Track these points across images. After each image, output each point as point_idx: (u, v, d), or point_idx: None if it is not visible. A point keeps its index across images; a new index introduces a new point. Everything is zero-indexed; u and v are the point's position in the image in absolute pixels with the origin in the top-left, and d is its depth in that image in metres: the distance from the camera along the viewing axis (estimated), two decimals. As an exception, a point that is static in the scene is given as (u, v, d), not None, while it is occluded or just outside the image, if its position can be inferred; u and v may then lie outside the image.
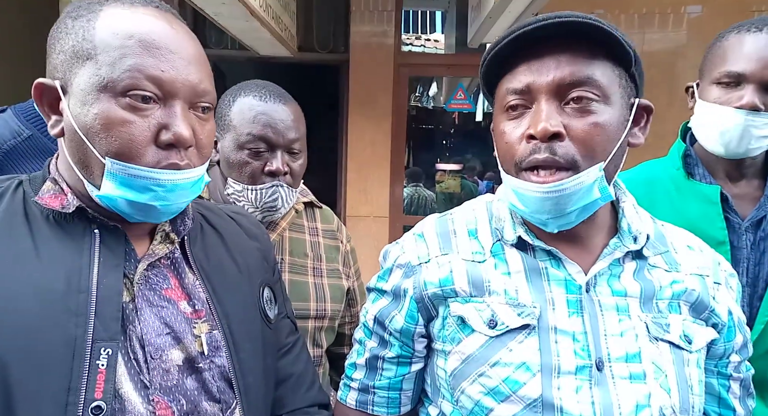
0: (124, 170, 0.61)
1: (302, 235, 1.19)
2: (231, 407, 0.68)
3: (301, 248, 1.17)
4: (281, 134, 1.05)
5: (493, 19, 2.64)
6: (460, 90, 3.86)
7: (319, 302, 1.14)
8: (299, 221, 1.21)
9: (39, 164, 1.24)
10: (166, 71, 0.62)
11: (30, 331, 0.57)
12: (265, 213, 1.09)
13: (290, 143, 1.08)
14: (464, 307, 0.74)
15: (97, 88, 0.60)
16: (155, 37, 0.62)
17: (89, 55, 0.61)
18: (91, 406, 0.57)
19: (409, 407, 0.85)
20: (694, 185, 1.09)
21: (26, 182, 0.67)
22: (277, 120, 1.05)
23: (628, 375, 0.69)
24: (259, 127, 1.04)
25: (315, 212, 1.26)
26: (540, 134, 0.66)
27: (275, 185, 1.06)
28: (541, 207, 0.70)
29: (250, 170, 1.05)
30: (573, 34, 0.67)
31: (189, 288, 0.71)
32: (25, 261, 0.60)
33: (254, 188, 1.05)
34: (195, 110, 0.66)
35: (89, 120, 0.61)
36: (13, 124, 1.25)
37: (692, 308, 0.76)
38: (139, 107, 0.61)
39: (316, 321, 1.14)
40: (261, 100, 1.06)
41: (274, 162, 1.05)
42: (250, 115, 1.05)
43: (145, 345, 0.63)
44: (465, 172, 4.79)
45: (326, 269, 1.19)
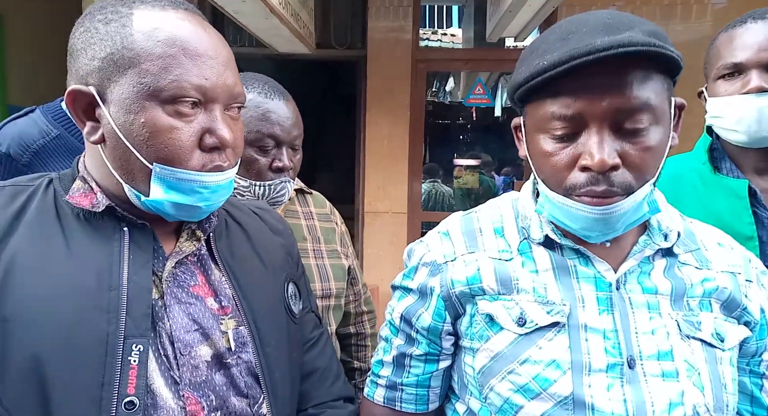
0: (172, 174, 0.63)
1: (298, 220, 1.22)
2: (258, 401, 0.69)
3: (298, 232, 1.19)
4: (288, 131, 1.08)
5: (513, 13, 2.62)
6: (479, 85, 3.83)
7: (324, 281, 1.18)
8: (293, 207, 1.24)
9: (67, 162, 1.27)
10: (210, 78, 0.63)
11: (64, 328, 0.58)
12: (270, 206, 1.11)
13: (294, 140, 1.11)
14: (492, 305, 0.74)
15: (142, 97, 0.61)
16: (196, 44, 0.63)
17: (131, 63, 0.61)
18: (125, 401, 0.58)
19: (437, 404, 0.86)
20: (721, 180, 1.08)
21: (56, 180, 0.69)
22: (283, 118, 1.08)
23: (660, 373, 0.69)
24: (267, 125, 1.06)
25: (306, 198, 1.29)
26: (597, 167, 0.63)
27: (283, 181, 1.09)
28: (592, 226, 0.68)
29: (257, 167, 1.07)
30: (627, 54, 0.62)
31: (215, 285, 0.72)
32: (58, 259, 0.61)
33: (263, 184, 1.07)
34: (230, 111, 0.68)
35: (136, 128, 0.62)
36: (41, 124, 1.27)
37: (723, 306, 0.75)
38: (185, 113, 0.63)
39: (323, 300, 1.17)
40: (266, 97, 1.08)
41: (282, 159, 1.08)
42: (257, 113, 1.06)
43: (174, 342, 0.64)
44: (483, 167, 4.76)
45: (326, 250, 1.23)
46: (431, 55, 3.83)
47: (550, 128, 0.67)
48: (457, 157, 4.92)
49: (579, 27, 0.66)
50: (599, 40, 0.61)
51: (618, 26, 0.64)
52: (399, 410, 0.85)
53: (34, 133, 1.26)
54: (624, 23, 0.64)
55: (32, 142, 1.25)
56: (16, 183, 0.68)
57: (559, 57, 0.63)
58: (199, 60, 0.63)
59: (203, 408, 0.64)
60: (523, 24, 2.82)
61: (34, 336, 0.57)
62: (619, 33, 0.62)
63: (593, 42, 0.61)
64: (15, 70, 3.37)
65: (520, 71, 0.70)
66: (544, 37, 0.70)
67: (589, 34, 0.63)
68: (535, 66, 0.66)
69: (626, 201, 0.66)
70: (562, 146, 0.67)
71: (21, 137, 1.25)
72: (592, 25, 0.65)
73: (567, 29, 0.67)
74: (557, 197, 0.69)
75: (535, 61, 0.67)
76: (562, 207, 0.69)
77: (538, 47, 0.69)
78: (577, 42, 0.63)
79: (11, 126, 1.27)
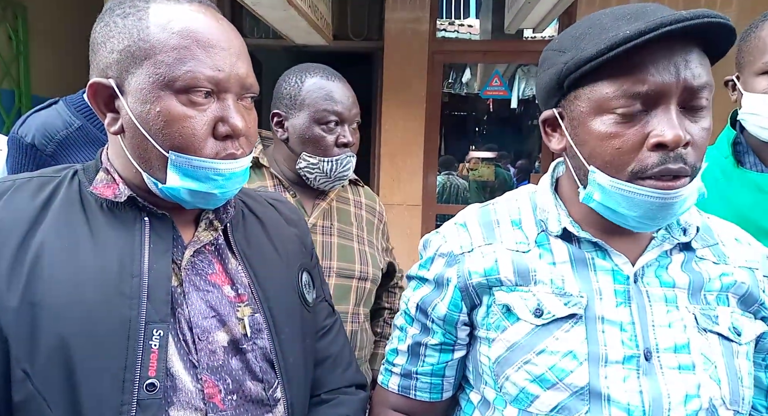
0: (188, 162, 0.65)
1: (347, 206, 1.33)
2: (273, 386, 0.72)
3: (347, 217, 1.31)
4: (348, 108, 1.19)
5: (532, 3, 2.58)
6: (496, 77, 3.80)
7: (363, 265, 1.27)
8: (344, 194, 1.34)
9: (89, 153, 1.30)
10: (222, 69, 0.65)
11: (89, 313, 0.61)
12: (335, 182, 1.23)
13: (354, 117, 1.22)
14: (510, 296, 0.75)
15: (158, 87, 0.63)
16: (209, 36, 0.65)
17: (147, 55, 0.63)
18: (146, 383, 0.61)
19: (451, 393, 0.87)
20: (744, 174, 1.06)
21: (81, 172, 0.71)
22: (344, 96, 1.19)
23: (676, 366, 0.69)
24: (331, 103, 1.17)
25: (358, 189, 1.40)
26: (674, 143, 0.62)
27: (348, 156, 1.20)
28: (653, 213, 0.66)
29: (325, 144, 1.18)
30: (690, 32, 0.61)
31: (232, 273, 0.74)
32: (83, 247, 0.64)
33: (330, 160, 1.18)
34: (243, 101, 0.70)
35: (152, 117, 0.64)
36: (64, 115, 1.30)
37: (741, 301, 0.75)
38: (198, 103, 0.64)
39: (359, 282, 1.26)
40: (328, 80, 1.19)
41: (346, 135, 1.19)
42: (322, 93, 1.18)
43: (193, 327, 0.67)
44: (499, 160, 4.73)
45: (366, 239, 1.33)
46: (448, 46, 3.81)
47: (615, 106, 0.64)
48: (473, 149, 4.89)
49: (639, 9, 0.65)
50: (677, 13, 0.60)
51: (672, 10, 0.63)
52: (413, 398, 0.86)
53: (58, 124, 1.28)
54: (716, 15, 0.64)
55: (56, 132, 1.27)
56: (42, 174, 0.70)
57: (646, 25, 0.60)
58: (212, 51, 0.64)
59: (220, 390, 0.67)
60: (543, 15, 2.78)
61: (60, 320, 0.60)
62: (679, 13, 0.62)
63: (675, 14, 0.60)
64: (38, 62, 3.43)
65: (581, 50, 0.66)
66: (591, 22, 0.69)
67: (658, 11, 0.63)
68: (611, 38, 0.62)
69: (691, 184, 0.65)
70: (628, 126, 0.65)
71: (45, 127, 1.27)
72: (653, 7, 0.64)
73: (624, 13, 0.65)
74: (618, 184, 0.66)
75: (602, 36, 0.64)
76: (622, 194, 0.66)
77: (590, 30, 0.67)
78: (650, 17, 0.62)
79: (35, 117, 1.30)
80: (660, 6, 0.66)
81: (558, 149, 0.75)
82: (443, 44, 3.74)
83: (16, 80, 3.33)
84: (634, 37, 0.60)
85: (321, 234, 1.24)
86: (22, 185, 0.67)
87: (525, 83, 4.99)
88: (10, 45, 3.27)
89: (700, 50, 0.64)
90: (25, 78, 3.36)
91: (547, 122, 0.76)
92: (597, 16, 0.69)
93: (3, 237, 0.62)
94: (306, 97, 1.18)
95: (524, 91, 4.99)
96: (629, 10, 0.66)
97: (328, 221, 1.26)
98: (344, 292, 1.24)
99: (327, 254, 1.23)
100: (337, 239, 1.26)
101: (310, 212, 1.25)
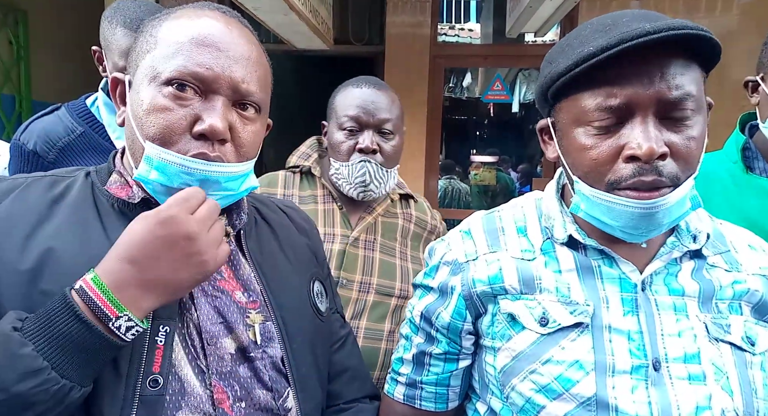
0: (159, 154, 0.64)
1: (395, 220, 1.31)
2: (283, 395, 0.71)
3: (392, 232, 1.29)
4: (371, 114, 1.19)
5: (534, 8, 2.58)
6: (497, 81, 3.80)
7: (404, 283, 1.24)
8: (393, 209, 1.32)
9: (91, 159, 1.29)
10: (210, 68, 0.65)
11: None
12: (359, 190, 1.21)
13: (380, 123, 1.20)
14: (515, 304, 0.74)
15: (147, 78, 0.65)
16: (207, 36, 0.66)
17: (149, 49, 0.67)
18: (149, 379, 0.61)
19: (457, 402, 0.85)
20: (754, 180, 1.05)
21: (93, 173, 0.72)
22: (368, 102, 1.19)
23: (686, 376, 0.68)
24: (352, 109, 1.19)
25: (410, 202, 1.37)
26: (646, 156, 0.62)
27: (363, 161, 1.19)
28: (635, 223, 0.66)
29: (344, 148, 1.20)
30: (669, 41, 0.61)
31: (244, 279, 0.73)
32: (95, 242, 0.64)
33: (347, 164, 1.20)
34: (240, 109, 0.68)
35: (137, 106, 0.66)
36: (66, 121, 1.30)
37: (754, 310, 0.73)
38: (180, 97, 0.64)
39: (399, 300, 1.23)
40: (357, 87, 1.22)
41: (364, 140, 1.19)
42: (347, 100, 1.21)
43: (202, 332, 0.66)
44: (500, 164, 4.72)
45: (410, 255, 1.29)
46: (450, 50, 3.81)
47: (591, 120, 0.65)
48: (475, 153, 4.88)
49: (616, 19, 0.64)
50: (647, 25, 0.60)
51: (657, 17, 0.63)
52: (419, 408, 0.85)
53: (60, 130, 1.28)
54: (661, 16, 0.63)
55: (58, 139, 1.27)
56: (55, 174, 0.72)
57: (608, 42, 0.61)
58: (205, 50, 0.65)
59: (228, 397, 0.66)
60: (544, 19, 2.78)
61: None
62: (661, 21, 0.61)
63: (642, 26, 0.60)
64: (39, 67, 3.44)
65: (558, 63, 0.68)
66: (577, 33, 0.69)
67: (632, 22, 0.62)
68: (578, 54, 0.63)
69: (672, 194, 0.64)
70: (604, 138, 0.65)
71: (47, 134, 1.27)
72: (630, 16, 0.64)
73: (602, 23, 0.66)
74: (598, 193, 0.67)
75: (576, 51, 0.65)
76: (603, 204, 0.67)
77: (572, 41, 0.68)
78: (621, 29, 0.62)
79: (37, 123, 1.30)
80: (645, 13, 0.65)
81: (552, 157, 0.75)
82: (444, 48, 3.75)
83: (17, 85, 3.33)
84: (597, 53, 0.61)
85: (363, 248, 1.23)
86: (35, 181, 0.68)
87: (526, 87, 4.99)
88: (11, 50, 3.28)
89: (685, 60, 0.63)
90: (26, 83, 3.37)
91: (543, 130, 0.76)
92: (583, 26, 0.69)
93: (12, 226, 0.62)
94: (336, 106, 1.23)
95: (525, 96, 4.99)
96: (609, 21, 0.65)
97: (371, 235, 1.25)
98: (383, 310, 1.21)
99: (368, 270, 1.21)
100: (380, 254, 1.24)
101: (354, 225, 1.24)
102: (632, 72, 0.62)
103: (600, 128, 0.65)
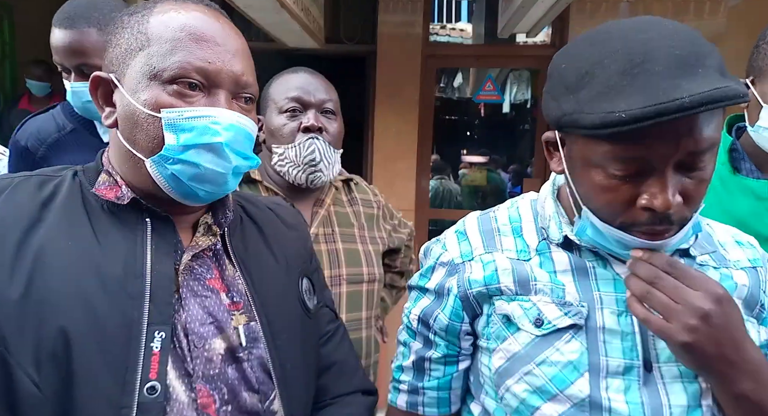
0: (180, 115, 0.63)
1: (344, 208, 1.32)
2: (270, 398, 0.70)
3: (346, 219, 1.30)
4: (312, 94, 1.19)
5: (526, 8, 2.59)
6: (489, 81, 3.81)
7: (370, 266, 1.26)
8: (339, 196, 1.33)
9: (80, 155, 1.28)
10: (213, 63, 0.65)
11: (92, 311, 0.60)
12: (308, 171, 1.18)
13: (321, 103, 1.20)
14: (510, 305, 0.74)
15: (147, 77, 0.64)
16: (204, 31, 0.66)
17: (142, 46, 0.65)
18: (147, 386, 0.60)
19: (458, 405, 0.85)
20: (741, 180, 1.06)
21: (81, 173, 0.71)
22: (308, 83, 1.21)
23: (677, 376, 0.68)
24: (293, 90, 1.19)
25: (351, 186, 1.39)
26: (662, 210, 0.61)
27: (311, 138, 1.17)
28: None
29: (287, 130, 1.18)
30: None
31: (228, 280, 0.72)
32: (87, 246, 0.63)
33: (293, 145, 1.17)
34: (238, 101, 0.69)
35: (139, 104, 0.64)
36: (59, 119, 1.34)
37: (744, 305, 0.74)
38: (185, 94, 0.64)
39: (368, 285, 1.25)
40: (293, 73, 1.24)
41: (309, 119, 1.18)
42: (285, 86, 1.21)
43: (189, 334, 0.65)
44: (491, 164, 4.73)
45: (368, 237, 1.31)
46: (442, 50, 3.81)
47: (608, 167, 0.62)
48: (466, 154, 4.89)
49: (643, 57, 0.59)
50: (682, 90, 0.56)
51: (689, 60, 0.58)
52: (422, 415, 0.84)
53: (51, 128, 1.33)
54: (692, 53, 0.58)
55: (48, 136, 1.32)
56: (42, 173, 0.70)
57: (643, 112, 0.56)
58: (204, 44, 0.65)
59: (215, 401, 0.65)
60: (536, 20, 2.79)
61: (63, 316, 0.59)
62: (694, 74, 0.57)
63: (678, 95, 0.55)
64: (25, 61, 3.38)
65: (575, 95, 0.63)
66: (594, 59, 0.62)
67: (664, 75, 0.57)
68: (605, 117, 0.58)
69: (679, 233, 0.65)
70: (621, 183, 0.63)
71: (39, 131, 1.32)
72: (661, 59, 0.58)
73: (626, 56, 0.59)
74: (609, 229, 0.66)
75: (600, 101, 0.59)
76: (613, 238, 0.67)
77: (593, 69, 0.62)
78: (653, 86, 0.57)
79: (32, 122, 1.36)
80: (677, 57, 0.58)
81: (557, 170, 0.74)
82: (436, 48, 3.75)
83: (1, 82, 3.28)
84: (629, 121, 0.57)
85: (325, 243, 1.23)
86: (21, 182, 0.67)
87: (517, 88, 5.01)
88: (-4, 46, 3.22)
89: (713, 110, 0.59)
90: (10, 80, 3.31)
91: (549, 142, 0.74)
92: (605, 45, 0.62)
93: (5, 232, 0.61)
94: (272, 94, 1.23)
95: (516, 96, 5.01)
96: (638, 58, 0.59)
97: (329, 228, 1.25)
98: (357, 299, 1.22)
99: (335, 263, 1.21)
100: (341, 244, 1.25)
101: (310, 222, 1.23)
102: (661, 131, 0.58)
103: (616, 176, 0.63)
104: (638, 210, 0.63)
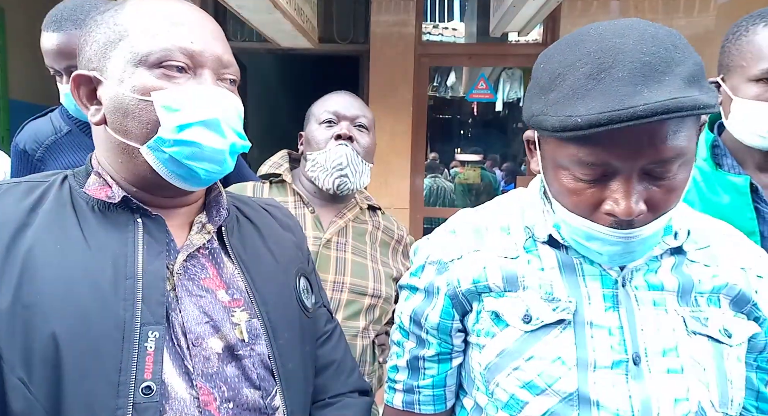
0: (172, 94, 0.64)
1: (364, 225, 1.37)
2: (271, 394, 0.70)
3: (362, 236, 1.34)
4: (347, 109, 1.30)
5: (517, 7, 2.61)
6: (481, 80, 3.83)
7: (376, 282, 1.28)
8: (362, 217, 1.38)
9: (76, 157, 1.33)
10: (195, 42, 0.66)
11: (83, 314, 0.60)
12: (336, 175, 1.24)
13: (355, 117, 1.30)
14: (498, 302, 0.75)
15: (132, 64, 0.64)
16: (180, 15, 0.67)
17: (121, 36, 0.65)
18: (142, 386, 0.60)
19: (453, 401, 0.86)
20: (723, 176, 1.07)
21: (71, 177, 0.71)
22: (346, 101, 1.33)
23: (665, 369, 0.69)
24: (331, 106, 1.30)
25: (377, 213, 1.44)
26: (623, 216, 0.62)
27: (341, 144, 1.26)
28: (610, 249, 0.67)
29: (322, 138, 1.28)
30: None
31: (227, 278, 0.73)
32: (76, 248, 0.63)
33: (323, 151, 1.26)
34: (223, 82, 0.70)
35: (127, 92, 0.64)
36: (56, 122, 1.36)
37: (733, 303, 0.75)
38: (173, 76, 0.65)
39: (372, 299, 1.27)
40: (335, 93, 1.36)
41: (340, 128, 1.27)
42: (325, 102, 1.33)
43: (187, 333, 0.65)
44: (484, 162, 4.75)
45: (380, 259, 1.34)
46: (434, 49, 3.82)
47: (574, 170, 0.64)
48: (459, 152, 4.91)
49: (611, 62, 0.58)
50: (640, 97, 0.56)
51: (656, 67, 0.57)
52: (419, 413, 0.85)
53: (47, 131, 1.35)
54: (662, 60, 0.58)
55: (45, 138, 1.34)
56: (31, 179, 0.70)
57: (597, 118, 0.56)
58: (183, 27, 0.66)
59: (215, 398, 0.65)
60: (527, 19, 2.81)
61: (53, 320, 0.58)
62: (658, 82, 0.57)
63: (634, 103, 0.55)
64: (16, 65, 3.36)
65: (545, 95, 0.64)
66: (571, 58, 0.62)
67: (626, 81, 0.57)
68: (563, 121, 0.59)
69: (649, 227, 0.65)
70: (586, 187, 0.64)
71: (36, 134, 1.35)
72: (628, 64, 0.58)
73: (596, 60, 0.59)
74: (577, 220, 0.67)
75: (564, 104, 0.60)
76: (581, 228, 0.68)
77: (564, 70, 0.62)
78: (612, 92, 0.57)
79: (31, 125, 1.38)
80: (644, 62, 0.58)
81: (535, 170, 0.75)
82: (429, 47, 3.76)
83: (-6, 84, 3.26)
84: (583, 126, 0.57)
85: (335, 250, 1.26)
86: (9, 189, 0.66)
87: (510, 86, 5.03)
88: (-12, 48, 3.20)
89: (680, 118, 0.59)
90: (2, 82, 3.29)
91: (529, 141, 0.76)
92: (578, 49, 0.63)
93: None
94: (314, 110, 1.34)
95: (509, 95, 5.03)
96: (596, 59, 0.59)
97: (343, 237, 1.29)
98: (357, 309, 1.24)
99: (341, 270, 1.24)
100: (351, 255, 1.27)
101: (326, 228, 1.27)
102: (623, 138, 0.58)
103: (582, 179, 0.64)
104: (603, 214, 0.64)
